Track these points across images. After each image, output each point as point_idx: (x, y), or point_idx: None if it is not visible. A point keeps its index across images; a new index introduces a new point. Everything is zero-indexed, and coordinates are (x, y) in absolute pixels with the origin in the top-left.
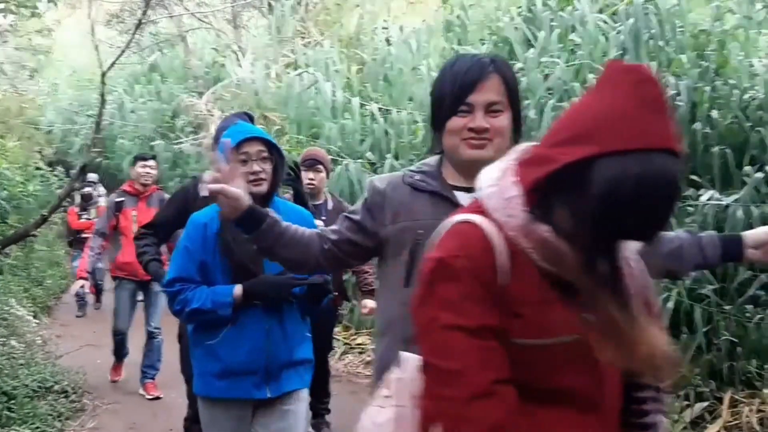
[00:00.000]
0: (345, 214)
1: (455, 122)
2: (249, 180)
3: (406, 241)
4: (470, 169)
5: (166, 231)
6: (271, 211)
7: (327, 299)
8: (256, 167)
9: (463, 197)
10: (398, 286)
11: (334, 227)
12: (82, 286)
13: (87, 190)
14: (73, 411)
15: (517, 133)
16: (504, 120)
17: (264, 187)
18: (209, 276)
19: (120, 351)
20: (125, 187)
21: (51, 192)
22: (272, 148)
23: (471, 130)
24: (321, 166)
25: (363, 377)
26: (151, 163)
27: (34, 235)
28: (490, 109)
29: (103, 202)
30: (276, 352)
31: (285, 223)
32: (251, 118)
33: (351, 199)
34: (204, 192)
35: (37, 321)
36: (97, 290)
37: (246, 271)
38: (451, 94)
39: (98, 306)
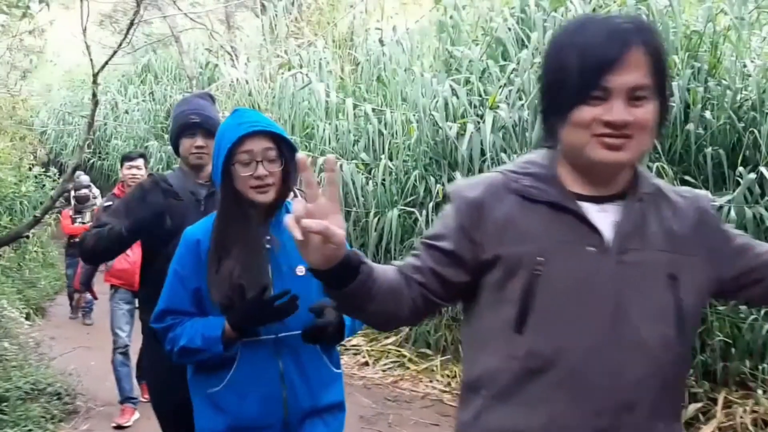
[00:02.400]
0: (428, 241)
1: (584, 113)
2: (252, 186)
3: (516, 271)
4: (600, 174)
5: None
6: (359, 254)
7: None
8: (261, 170)
9: (590, 209)
10: (504, 331)
11: (414, 262)
12: (79, 298)
13: (83, 192)
14: (66, 413)
15: (660, 127)
16: (650, 110)
17: (270, 196)
18: (205, 306)
19: (123, 388)
20: (115, 190)
21: (45, 193)
22: (282, 145)
23: (607, 124)
24: None
25: (357, 378)
26: (139, 162)
27: (27, 237)
28: (632, 96)
29: (98, 204)
30: (295, 398)
31: (372, 266)
32: (212, 99)
33: (345, 200)
34: (292, 230)
35: (30, 322)
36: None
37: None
38: (578, 73)
39: (90, 321)
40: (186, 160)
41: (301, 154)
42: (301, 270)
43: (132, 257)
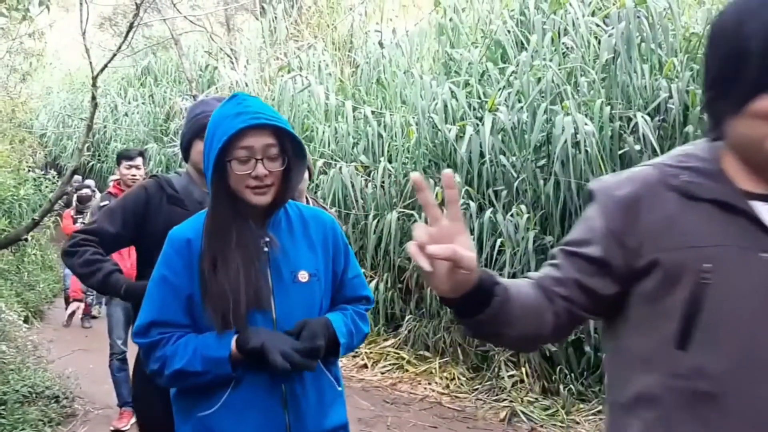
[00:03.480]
0: (568, 248)
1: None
2: (249, 186)
3: (678, 280)
4: None
5: (113, 245)
6: (491, 275)
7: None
8: (260, 169)
9: (763, 210)
10: (663, 347)
11: (554, 273)
12: (78, 308)
13: (85, 191)
14: (64, 416)
15: None
16: None
17: (268, 198)
18: (197, 317)
19: (122, 393)
20: (111, 189)
21: (44, 196)
22: (285, 140)
23: None
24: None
25: (356, 381)
26: (137, 161)
27: (25, 239)
28: None
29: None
30: (299, 423)
31: (507, 285)
32: None
33: (344, 203)
34: (417, 260)
35: (28, 325)
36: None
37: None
38: (761, 55)
39: (89, 325)
40: (197, 165)
41: (416, 174)
42: (303, 276)
43: (128, 262)
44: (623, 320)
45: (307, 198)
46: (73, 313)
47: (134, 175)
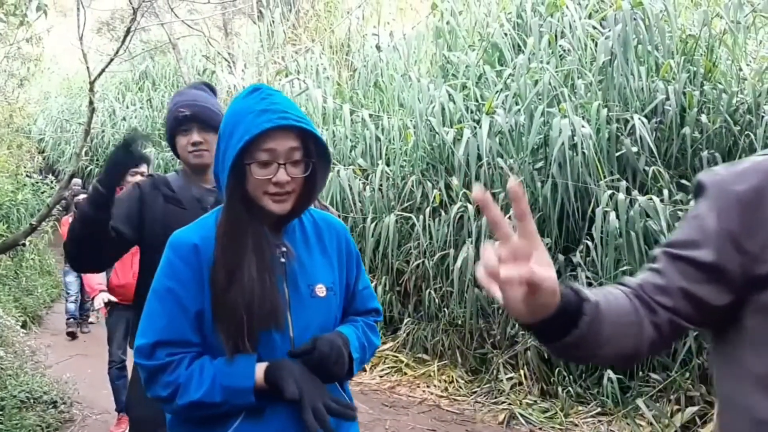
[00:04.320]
0: (673, 251)
1: None
2: (268, 192)
3: None
4: None
5: (119, 244)
6: (578, 291)
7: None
8: (282, 175)
9: None
10: None
11: (655, 280)
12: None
13: (82, 197)
14: (62, 422)
15: None
16: None
17: (287, 206)
18: (206, 334)
19: (120, 398)
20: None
21: (42, 201)
22: (309, 143)
23: None
24: None
25: (354, 384)
26: (142, 168)
27: (23, 245)
28: None
29: None
30: None
31: (597, 301)
32: (214, 91)
33: (342, 206)
34: None
35: (26, 331)
36: (82, 310)
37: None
38: None
39: (87, 330)
40: (185, 160)
41: (478, 191)
42: (321, 290)
43: (131, 272)
44: (736, 332)
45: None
46: (107, 303)
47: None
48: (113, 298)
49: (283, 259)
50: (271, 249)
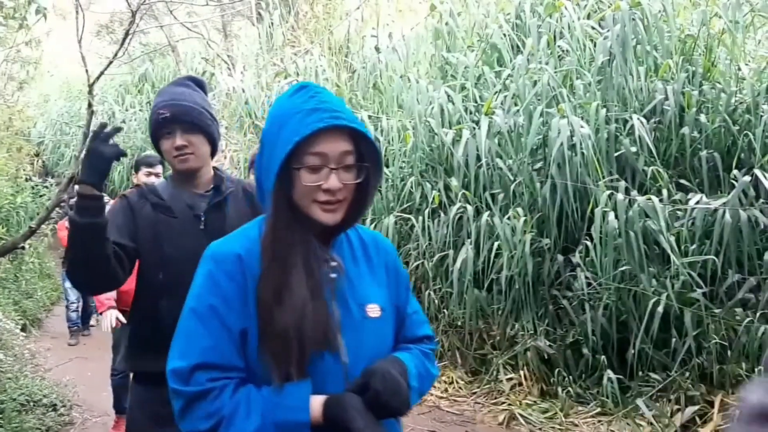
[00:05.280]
0: None
1: None
2: (318, 200)
3: None
4: None
5: (130, 257)
6: None
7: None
8: (333, 181)
9: None
10: None
11: None
12: (117, 317)
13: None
14: (62, 425)
15: None
16: None
17: (338, 216)
18: (249, 357)
19: (120, 400)
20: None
21: (41, 203)
22: (361, 146)
23: None
24: None
25: None
26: (158, 169)
27: (23, 248)
28: None
29: None
30: None
31: None
32: (201, 86)
33: None
34: None
35: (25, 334)
36: (85, 315)
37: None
38: None
39: (88, 332)
40: (171, 165)
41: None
42: (374, 310)
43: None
44: None
45: None
46: (75, 322)
47: (153, 183)
48: (122, 319)
49: (333, 275)
50: (321, 264)
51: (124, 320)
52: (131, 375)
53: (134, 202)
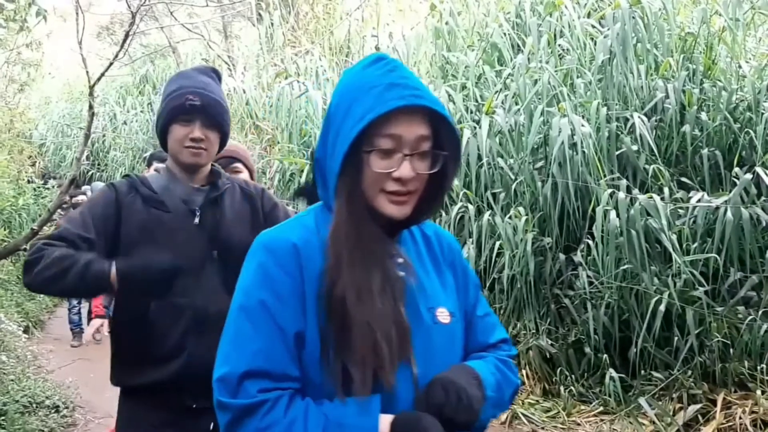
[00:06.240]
0: None
1: None
2: (387, 190)
3: None
4: None
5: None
6: None
7: None
8: (406, 169)
9: None
10: None
11: None
12: (102, 326)
13: (80, 198)
14: (65, 426)
15: None
16: None
17: (407, 209)
18: (306, 365)
19: None
20: None
21: (43, 205)
22: (441, 132)
23: None
24: (240, 165)
25: None
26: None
27: (25, 249)
28: None
29: None
30: None
31: None
32: (219, 77)
33: None
34: None
35: (28, 335)
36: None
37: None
38: None
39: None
40: (177, 155)
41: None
42: (444, 315)
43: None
44: None
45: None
46: (77, 323)
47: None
48: (106, 332)
49: (402, 273)
50: (392, 262)
51: (106, 333)
52: (119, 390)
53: (122, 193)
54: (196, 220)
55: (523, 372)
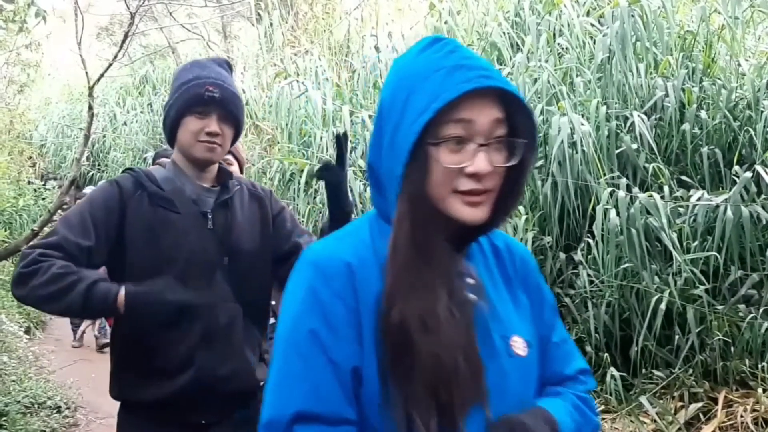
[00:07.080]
0: None
1: None
2: (459, 190)
3: None
4: None
5: (85, 265)
6: None
7: None
8: (481, 163)
9: None
10: None
11: None
12: (87, 327)
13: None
14: (66, 426)
15: None
16: None
17: (484, 211)
18: (364, 404)
19: None
20: None
21: (44, 206)
22: (514, 115)
23: None
24: (229, 156)
25: None
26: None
27: None
28: None
29: None
30: None
31: None
32: (231, 70)
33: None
34: None
35: (29, 336)
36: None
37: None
38: None
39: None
40: (188, 150)
41: None
42: (519, 345)
43: None
44: None
45: None
46: (83, 332)
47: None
48: (107, 327)
49: (472, 295)
50: (462, 282)
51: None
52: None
53: (127, 191)
54: (209, 224)
55: None
